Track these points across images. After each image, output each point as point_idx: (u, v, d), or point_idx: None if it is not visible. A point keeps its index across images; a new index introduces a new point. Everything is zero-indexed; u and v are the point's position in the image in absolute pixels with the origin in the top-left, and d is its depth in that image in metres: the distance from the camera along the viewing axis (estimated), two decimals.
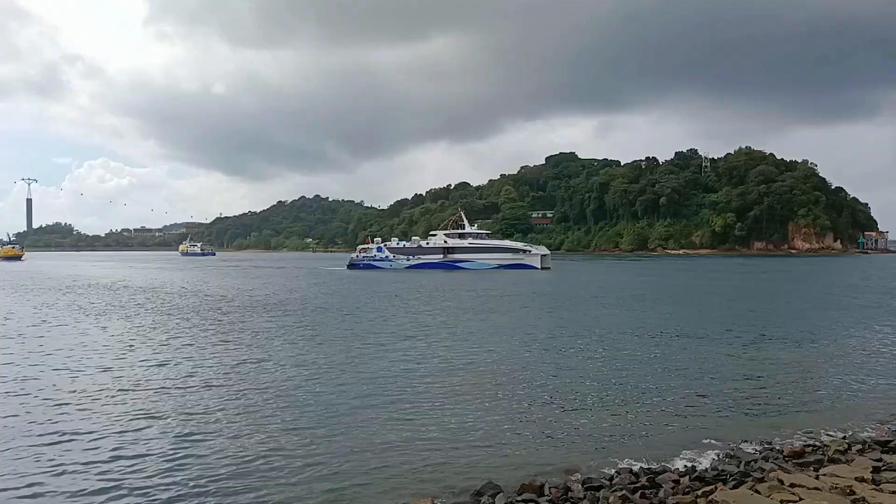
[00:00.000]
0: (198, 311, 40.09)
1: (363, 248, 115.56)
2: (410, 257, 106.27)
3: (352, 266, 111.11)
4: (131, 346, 26.67)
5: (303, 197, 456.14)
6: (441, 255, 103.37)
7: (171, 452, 13.15)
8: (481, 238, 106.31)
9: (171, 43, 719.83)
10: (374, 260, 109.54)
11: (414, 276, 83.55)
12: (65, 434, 14.32)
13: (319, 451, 13.25)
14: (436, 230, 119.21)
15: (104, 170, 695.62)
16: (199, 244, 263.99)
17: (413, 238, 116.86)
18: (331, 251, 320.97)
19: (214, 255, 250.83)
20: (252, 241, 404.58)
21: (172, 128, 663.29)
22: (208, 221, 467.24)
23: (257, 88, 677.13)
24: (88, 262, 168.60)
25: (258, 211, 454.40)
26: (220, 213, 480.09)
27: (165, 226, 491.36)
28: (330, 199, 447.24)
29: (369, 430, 14.72)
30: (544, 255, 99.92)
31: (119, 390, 18.47)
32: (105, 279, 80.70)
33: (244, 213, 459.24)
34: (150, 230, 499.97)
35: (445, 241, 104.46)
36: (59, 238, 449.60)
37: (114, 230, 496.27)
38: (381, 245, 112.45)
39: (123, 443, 13.76)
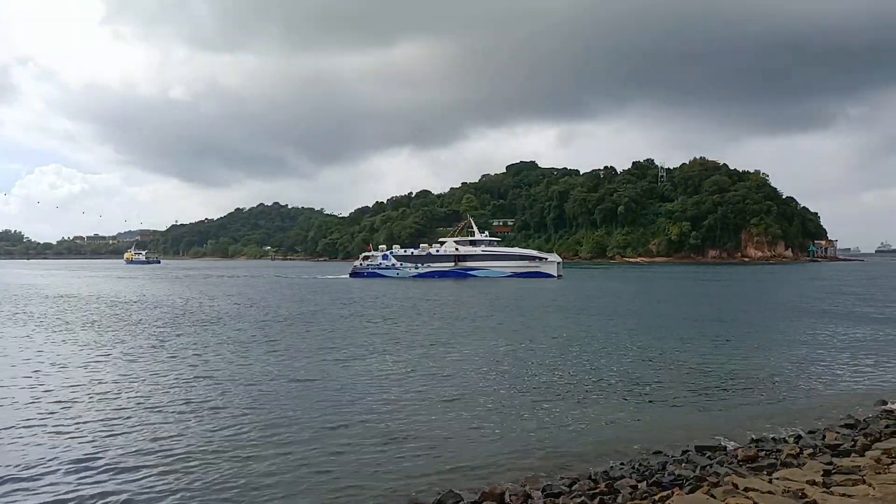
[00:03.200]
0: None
1: (366, 256, 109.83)
2: (419, 265, 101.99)
3: (355, 274, 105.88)
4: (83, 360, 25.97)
5: (261, 204, 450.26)
6: (452, 263, 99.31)
7: (127, 466, 12.85)
8: (493, 246, 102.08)
9: (128, 44, 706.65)
10: (379, 268, 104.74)
11: (424, 286, 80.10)
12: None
13: (278, 465, 13.06)
14: (398, 239, 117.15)
15: (56, 176, 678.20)
16: (143, 252, 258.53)
17: (421, 245, 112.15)
18: (290, 259, 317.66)
19: (159, 262, 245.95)
20: (209, 249, 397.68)
21: (129, 133, 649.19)
22: (164, 229, 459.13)
23: (217, 93, 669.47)
24: (31, 270, 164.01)
25: (215, 218, 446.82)
26: (177, 221, 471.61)
27: (120, 233, 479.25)
28: (289, 207, 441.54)
29: (330, 441, 14.57)
30: (558, 263, 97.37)
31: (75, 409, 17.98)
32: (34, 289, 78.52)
33: (201, 221, 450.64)
34: (103, 238, 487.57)
35: (457, 249, 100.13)
36: (9, 245, 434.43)
37: (66, 238, 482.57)
38: (387, 252, 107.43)
39: (84, 468, 13.37)
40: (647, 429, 15.49)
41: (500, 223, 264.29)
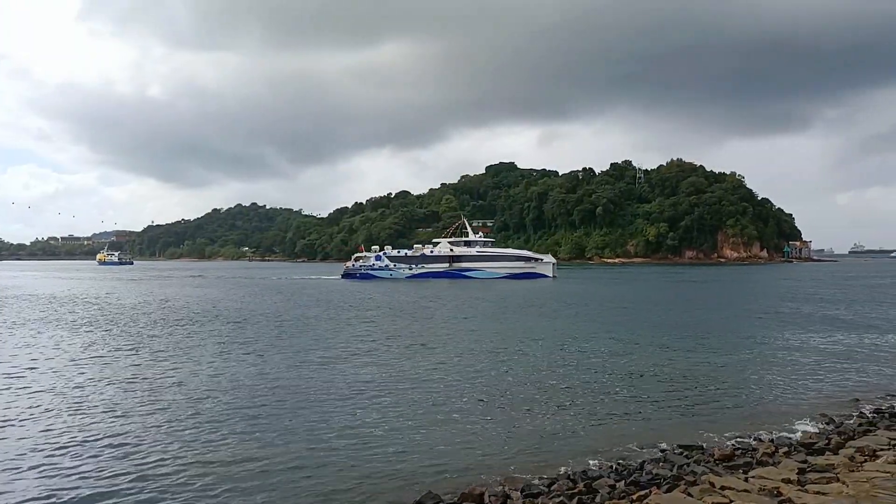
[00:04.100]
0: None
1: (359, 257, 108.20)
2: (413, 266, 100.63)
3: (347, 276, 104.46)
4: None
5: (239, 204, 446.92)
6: (447, 264, 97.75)
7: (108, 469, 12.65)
8: (487, 246, 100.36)
9: (104, 42, 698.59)
10: (372, 269, 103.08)
11: (418, 287, 78.75)
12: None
13: (256, 466, 12.95)
14: (377, 240, 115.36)
15: (30, 175, 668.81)
16: (116, 253, 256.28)
17: (415, 246, 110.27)
18: (268, 260, 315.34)
19: (132, 263, 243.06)
20: (185, 250, 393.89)
21: (104, 132, 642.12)
22: (140, 229, 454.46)
23: (195, 92, 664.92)
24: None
25: (192, 219, 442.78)
26: (153, 221, 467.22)
27: (95, 234, 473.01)
28: (267, 207, 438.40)
29: (308, 444, 14.47)
30: (553, 264, 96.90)
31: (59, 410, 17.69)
32: None
33: (177, 221, 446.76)
34: (78, 238, 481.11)
35: (451, 250, 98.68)
36: None
37: (40, 238, 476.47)
38: (380, 253, 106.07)
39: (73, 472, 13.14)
40: (625, 429, 15.57)
41: (480, 224, 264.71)
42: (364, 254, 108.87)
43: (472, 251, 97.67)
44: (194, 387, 20.10)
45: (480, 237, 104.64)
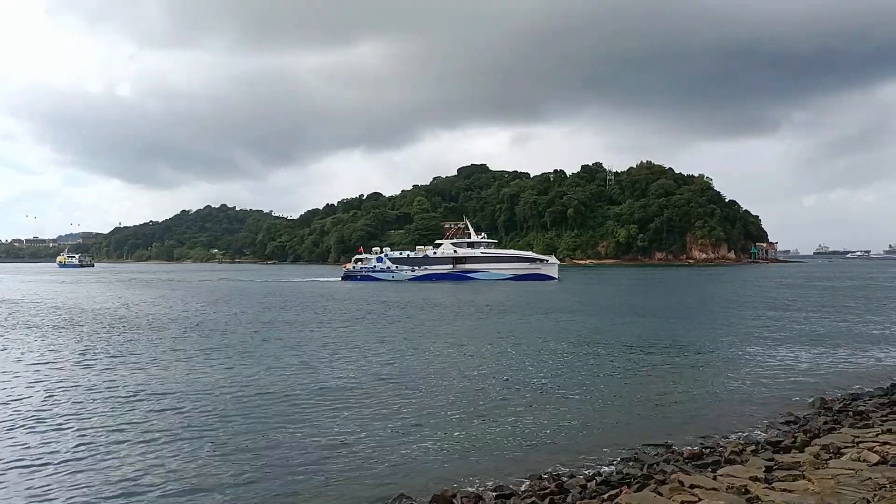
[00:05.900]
0: None
1: (359, 258, 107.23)
2: (415, 268, 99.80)
3: (347, 278, 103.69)
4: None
5: (208, 206, 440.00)
6: (450, 266, 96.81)
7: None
8: (491, 248, 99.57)
9: (71, 40, 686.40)
10: (373, 271, 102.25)
11: (421, 289, 77.41)
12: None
13: (227, 468, 12.78)
14: (348, 242, 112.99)
15: None
16: (76, 255, 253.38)
17: (418, 247, 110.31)
18: (238, 262, 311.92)
19: (93, 266, 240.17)
20: (154, 252, 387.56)
21: (71, 131, 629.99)
22: (107, 231, 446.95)
23: (165, 91, 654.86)
24: None
25: (160, 220, 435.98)
26: (120, 223, 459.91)
27: (60, 236, 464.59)
28: (237, 209, 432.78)
29: (278, 445, 14.33)
30: (557, 265, 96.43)
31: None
32: None
33: (145, 223, 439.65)
34: (43, 241, 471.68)
35: (455, 251, 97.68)
36: None
37: (3, 241, 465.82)
38: (382, 255, 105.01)
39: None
40: (595, 430, 15.67)
41: (452, 225, 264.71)
42: (364, 255, 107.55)
43: (476, 252, 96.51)
44: (172, 394, 19.82)
45: (484, 238, 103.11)
